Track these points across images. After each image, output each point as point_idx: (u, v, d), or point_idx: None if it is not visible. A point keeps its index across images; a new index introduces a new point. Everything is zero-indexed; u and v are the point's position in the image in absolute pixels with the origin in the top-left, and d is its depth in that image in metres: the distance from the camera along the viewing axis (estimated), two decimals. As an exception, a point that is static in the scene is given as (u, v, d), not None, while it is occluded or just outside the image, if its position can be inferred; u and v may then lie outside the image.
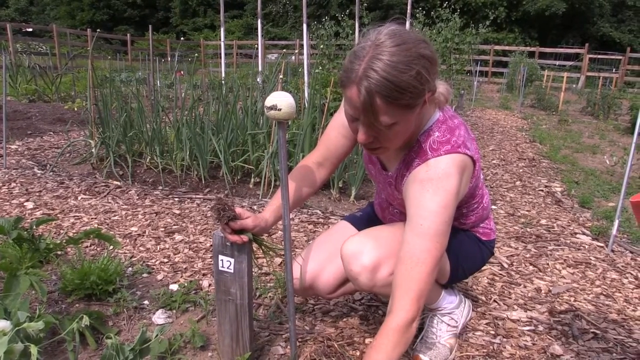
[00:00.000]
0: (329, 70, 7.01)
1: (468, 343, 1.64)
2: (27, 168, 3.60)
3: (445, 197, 1.16)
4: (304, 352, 1.53)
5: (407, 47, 1.04)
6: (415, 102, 1.09)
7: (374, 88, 1.03)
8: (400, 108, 1.07)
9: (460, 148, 1.20)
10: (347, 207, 3.04)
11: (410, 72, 1.03)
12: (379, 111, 1.07)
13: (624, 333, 1.76)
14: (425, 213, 1.16)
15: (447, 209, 1.16)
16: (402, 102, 1.06)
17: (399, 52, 1.03)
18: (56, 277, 1.92)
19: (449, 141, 1.21)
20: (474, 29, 7.98)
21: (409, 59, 1.04)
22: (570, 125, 8.13)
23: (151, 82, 6.10)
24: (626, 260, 2.46)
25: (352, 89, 1.07)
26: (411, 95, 1.06)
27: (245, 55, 20.44)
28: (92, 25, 26.98)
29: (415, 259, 1.16)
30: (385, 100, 1.04)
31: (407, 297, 1.15)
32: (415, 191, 1.20)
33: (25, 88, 7.49)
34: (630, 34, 25.71)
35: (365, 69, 1.04)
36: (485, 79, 18.10)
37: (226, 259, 1.30)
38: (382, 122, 1.09)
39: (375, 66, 1.03)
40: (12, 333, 0.84)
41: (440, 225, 1.16)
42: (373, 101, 1.05)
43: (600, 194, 3.73)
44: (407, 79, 1.03)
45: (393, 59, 1.03)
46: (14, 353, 0.82)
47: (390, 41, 1.05)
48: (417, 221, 1.17)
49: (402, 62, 1.03)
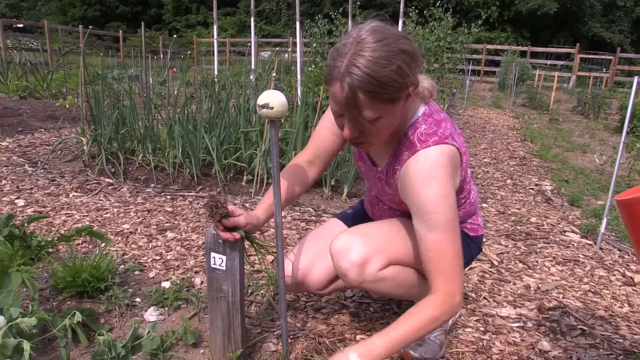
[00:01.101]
0: (322, 68, 7.01)
1: (458, 339, 1.66)
2: (18, 165, 3.57)
3: (442, 187, 1.19)
4: (296, 349, 1.54)
5: (387, 43, 1.07)
6: (397, 95, 1.11)
7: (356, 84, 1.05)
8: (382, 102, 1.09)
9: (447, 139, 1.22)
10: (339, 205, 3.06)
11: (391, 66, 1.05)
12: (362, 106, 1.09)
13: (611, 329, 1.79)
14: (429, 207, 1.19)
15: (447, 197, 1.19)
16: (384, 97, 1.08)
17: (379, 48, 1.06)
18: (48, 275, 1.92)
19: (435, 133, 1.23)
20: (467, 28, 8.00)
21: (389, 54, 1.06)
22: (561, 124, 8.19)
23: (143, 79, 6.07)
24: (614, 257, 2.49)
25: (335, 86, 1.10)
26: (393, 89, 1.08)
27: (238, 52, 20.38)
28: (84, 21, 26.81)
29: (438, 252, 1.19)
30: (367, 95, 1.07)
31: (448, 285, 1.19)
32: (412, 187, 1.22)
33: (16, 84, 7.43)
34: (621, 34, 25.89)
35: (347, 66, 1.06)
36: (477, 78, 18.18)
37: (218, 256, 1.31)
38: (366, 116, 1.11)
39: (357, 62, 1.05)
40: (5, 328, 0.85)
41: (447, 213, 1.19)
42: (356, 96, 1.07)
43: (590, 192, 3.77)
44: (388, 73, 1.05)
45: (374, 54, 1.05)
46: (8, 348, 0.83)
47: (371, 37, 1.07)
48: (423, 217, 1.20)
49: (383, 58, 1.05)
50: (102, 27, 28.61)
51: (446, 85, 8.11)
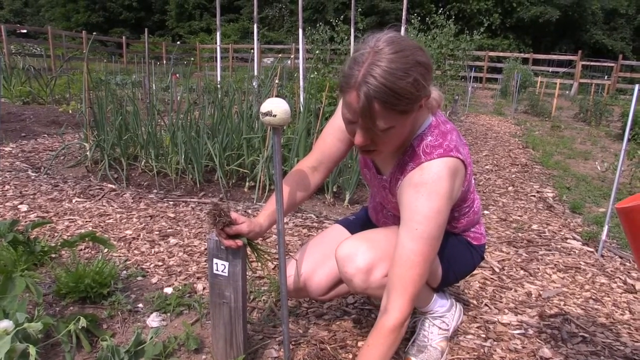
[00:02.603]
0: (324, 74, 7.04)
1: (459, 346, 1.66)
2: (21, 170, 3.59)
3: (439, 202, 1.19)
4: (297, 355, 1.55)
5: (404, 55, 1.07)
6: (411, 107, 1.12)
7: (372, 94, 1.06)
8: (397, 113, 1.11)
9: (452, 152, 1.23)
10: (341, 212, 3.06)
11: (408, 78, 1.07)
12: (377, 116, 1.10)
13: (612, 337, 1.79)
14: (419, 217, 1.20)
15: (440, 213, 1.20)
16: (399, 108, 1.10)
17: (397, 59, 1.06)
18: (50, 280, 1.93)
19: (441, 145, 1.24)
20: (469, 35, 8.04)
21: (406, 66, 1.07)
22: (563, 131, 8.20)
23: (146, 85, 6.10)
24: (615, 265, 2.49)
25: (351, 94, 1.11)
26: (408, 101, 1.09)
27: (241, 59, 20.46)
28: (88, 27, 26.90)
29: (410, 261, 1.20)
30: (383, 106, 1.08)
31: (402, 298, 1.20)
32: (409, 195, 1.23)
33: (20, 90, 7.47)
34: (623, 41, 25.96)
35: (364, 75, 1.07)
36: (479, 85, 18.20)
37: (221, 262, 1.31)
38: (379, 126, 1.12)
39: (374, 72, 1.06)
40: (13, 333, 0.86)
41: (434, 229, 1.20)
42: (371, 106, 1.08)
43: (591, 199, 3.77)
44: (405, 85, 1.06)
45: (391, 65, 1.06)
46: (16, 352, 0.84)
47: (388, 48, 1.08)
48: (412, 225, 1.20)
49: (400, 69, 1.06)
50: (105, 33, 28.73)
51: (448, 92, 8.14)
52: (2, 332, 0.87)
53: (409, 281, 1.20)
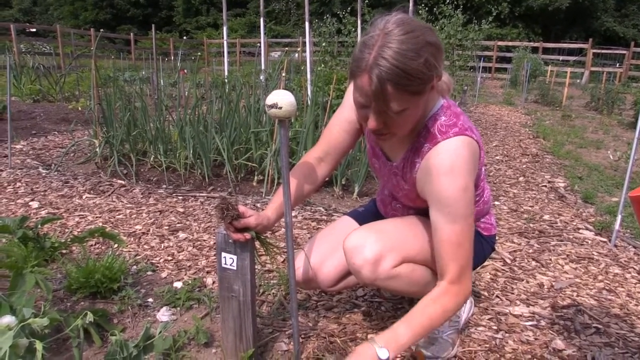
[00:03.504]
0: (331, 67, 7.00)
1: (470, 338, 1.65)
2: (32, 168, 3.62)
3: (463, 180, 1.19)
4: (307, 348, 1.54)
5: (415, 35, 1.07)
6: (424, 88, 1.12)
7: (384, 76, 1.05)
8: (409, 94, 1.10)
9: (467, 131, 1.23)
10: (350, 204, 3.05)
11: (419, 59, 1.06)
12: (390, 98, 1.09)
13: (626, 327, 1.76)
14: (450, 199, 1.20)
15: (466, 190, 1.20)
16: (412, 89, 1.09)
17: (407, 40, 1.06)
18: (61, 276, 1.94)
19: (456, 124, 1.24)
20: (477, 25, 7.94)
21: (417, 46, 1.06)
22: (574, 120, 8.10)
23: (154, 81, 6.11)
24: (629, 255, 2.46)
25: (363, 77, 1.09)
26: (420, 81, 1.09)
27: (249, 53, 20.44)
28: (96, 24, 27.01)
29: (451, 241, 1.22)
30: (395, 87, 1.07)
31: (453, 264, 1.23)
32: (432, 178, 1.22)
33: (30, 88, 7.52)
34: (635, 28, 25.54)
35: (375, 57, 1.06)
36: (488, 75, 18.02)
37: (229, 256, 1.31)
38: (393, 108, 1.11)
39: (386, 54, 1.05)
40: (17, 329, 0.86)
41: (464, 207, 1.21)
42: (384, 88, 1.07)
43: (604, 189, 3.72)
44: (417, 66, 1.06)
45: (402, 46, 1.05)
46: (19, 348, 0.84)
47: (398, 29, 1.07)
48: (442, 208, 1.21)
49: (411, 50, 1.05)
50: (113, 30, 28.86)
51: (457, 82, 8.05)
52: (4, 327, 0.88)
53: (463, 260, 1.23)
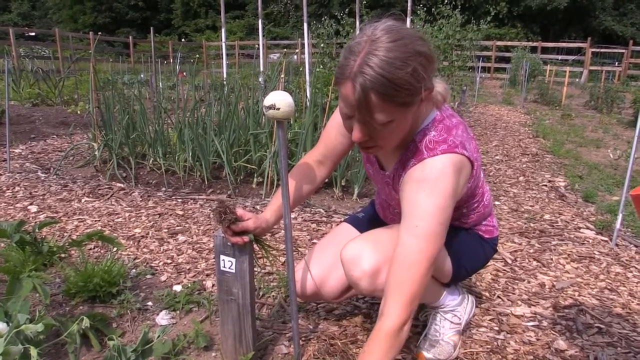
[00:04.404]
0: (330, 69, 6.99)
1: (472, 339, 1.64)
2: (31, 172, 3.61)
3: (441, 198, 1.13)
4: (308, 351, 1.53)
5: (403, 43, 1.02)
6: (411, 100, 1.06)
7: (369, 85, 1.01)
8: (396, 106, 1.05)
9: (457, 148, 1.17)
10: (350, 206, 3.04)
11: (407, 68, 1.01)
12: (374, 108, 1.04)
13: (628, 327, 1.75)
14: (421, 213, 1.13)
15: (443, 209, 1.13)
16: (398, 100, 1.04)
17: (395, 48, 1.01)
18: (60, 280, 1.93)
19: (445, 141, 1.18)
20: (476, 25, 7.93)
21: (405, 55, 1.01)
22: (574, 119, 8.09)
23: (153, 83, 6.11)
24: (630, 254, 2.45)
25: (346, 86, 1.05)
26: (407, 92, 1.03)
27: (247, 55, 20.44)
28: (94, 28, 27.06)
29: (410, 260, 1.13)
30: (380, 97, 1.02)
31: (400, 301, 1.12)
32: (410, 191, 1.17)
33: (29, 92, 7.53)
34: (633, 27, 25.55)
35: (360, 65, 1.01)
36: (487, 75, 18.02)
37: (228, 259, 1.30)
38: (377, 119, 1.06)
39: (371, 62, 1.00)
40: (10, 335, 0.85)
41: (436, 226, 1.13)
42: (368, 98, 1.02)
43: (604, 187, 3.71)
44: (403, 75, 1.01)
45: (389, 55, 1.00)
46: (11, 355, 0.83)
47: (386, 37, 1.02)
48: (412, 222, 1.14)
49: (398, 59, 1.00)
50: (112, 33, 28.86)
51: (456, 83, 8.05)
52: (-5, 334, 0.87)
53: (409, 281, 1.12)
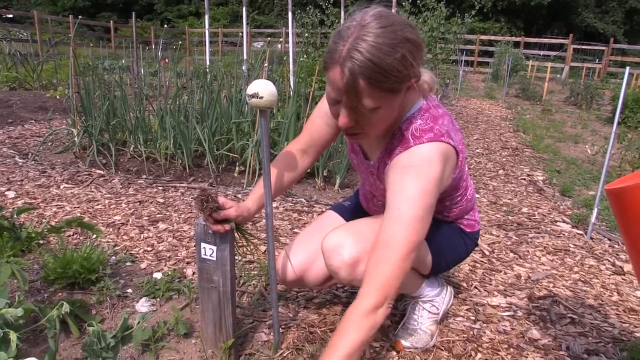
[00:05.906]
0: (314, 58, 6.98)
1: (449, 328, 1.67)
2: (8, 157, 3.54)
3: (426, 183, 1.13)
4: (287, 339, 1.55)
5: (393, 30, 1.02)
6: (399, 86, 1.07)
7: (357, 69, 1.01)
8: (383, 92, 1.06)
9: (443, 137, 1.18)
10: (331, 196, 3.06)
11: (395, 55, 1.01)
12: (362, 93, 1.04)
13: (600, 318, 1.81)
14: (404, 197, 1.13)
15: (427, 195, 1.13)
16: (386, 86, 1.04)
17: (384, 34, 1.01)
18: (38, 266, 1.91)
19: (431, 129, 1.19)
20: (460, 19, 7.98)
21: (394, 41, 1.02)
22: (554, 115, 8.22)
23: (135, 70, 6.02)
24: (604, 247, 2.51)
25: (335, 70, 1.05)
26: (395, 79, 1.04)
27: (231, 43, 20.22)
28: (74, 11, 26.45)
29: (391, 244, 1.12)
30: (368, 83, 1.02)
31: (376, 283, 1.11)
32: (395, 177, 1.17)
33: (6, 75, 7.34)
34: (614, 24, 25.96)
35: (349, 50, 1.01)
36: (471, 69, 18.17)
37: (209, 246, 1.30)
38: (365, 105, 1.07)
39: (360, 47, 1.00)
40: (-11, 319, 0.85)
41: (419, 210, 1.12)
42: (356, 83, 1.02)
43: (581, 182, 3.79)
44: (392, 62, 1.01)
45: (378, 40, 1.00)
46: (-10, 338, 0.83)
47: (376, 22, 1.03)
48: (395, 206, 1.14)
49: (387, 45, 1.01)
50: (92, 17, 28.25)
51: (439, 76, 8.11)
52: (-27, 318, 0.86)
53: (386, 265, 1.11)
